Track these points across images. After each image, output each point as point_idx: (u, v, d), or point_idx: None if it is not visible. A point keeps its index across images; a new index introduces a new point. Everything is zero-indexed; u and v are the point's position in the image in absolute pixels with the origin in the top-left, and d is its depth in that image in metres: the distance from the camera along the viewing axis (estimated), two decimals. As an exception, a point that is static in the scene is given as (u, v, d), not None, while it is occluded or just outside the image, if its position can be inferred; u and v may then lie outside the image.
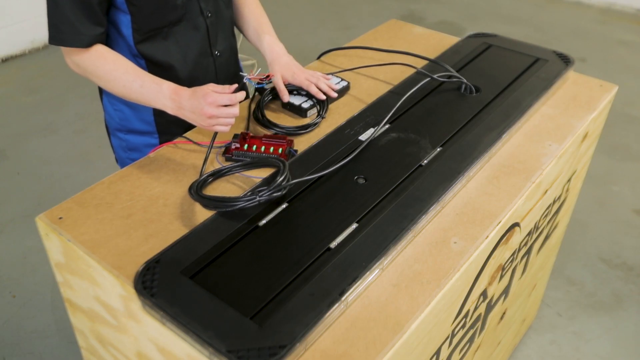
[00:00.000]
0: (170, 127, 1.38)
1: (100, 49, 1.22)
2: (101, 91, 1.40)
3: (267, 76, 1.20)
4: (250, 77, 1.18)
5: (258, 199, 1.04)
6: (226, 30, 1.40)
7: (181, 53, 1.31)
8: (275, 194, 1.05)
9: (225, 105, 1.11)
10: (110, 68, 1.21)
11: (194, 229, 1.02)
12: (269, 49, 1.42)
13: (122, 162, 1.47)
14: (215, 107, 1.10)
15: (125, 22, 1.24)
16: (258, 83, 1.17)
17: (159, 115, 1.36)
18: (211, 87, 1.12)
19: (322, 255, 0.96)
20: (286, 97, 1.37)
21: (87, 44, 1.19)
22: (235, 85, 1.13)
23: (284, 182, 1.06)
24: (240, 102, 1.13)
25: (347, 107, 1.40)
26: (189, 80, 1.34)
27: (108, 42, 1.27)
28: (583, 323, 2.04)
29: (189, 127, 1.34)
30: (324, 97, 1.37)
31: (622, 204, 2.58)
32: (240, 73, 1.18)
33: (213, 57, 1.38)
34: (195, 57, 1.34)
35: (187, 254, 0.97)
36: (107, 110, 1.41)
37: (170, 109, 1.18)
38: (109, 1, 1.21)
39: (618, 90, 1.53)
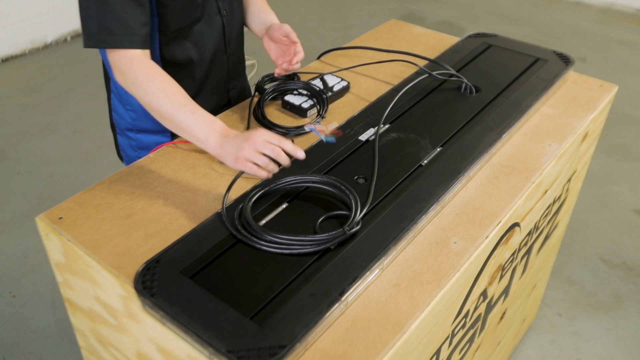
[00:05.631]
0: None
1: (153, 63, 1.15)
2: (109, 90, 1.40)
3: (336, 131, 1.20)
4: (315, 127, 1.18)
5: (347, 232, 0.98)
6: (238, 29, 1.43)
7: (199, 51, 1.33)
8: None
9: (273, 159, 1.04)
10: (165, 86, 1.12)
11: (194, 229, 1.02)
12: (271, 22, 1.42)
13: (130, 161, 1.45)
14: (259, 149, 1.02)
15: (153, 26, 1.22)
16: (326, 136, 1.15)
17: None
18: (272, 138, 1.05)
19: (322, 255, 0.96)
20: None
21: (140, 45, 1.13)
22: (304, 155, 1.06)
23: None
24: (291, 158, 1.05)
25: (347, 107, 1.40)
26: (205, 77, 1.37)
27: None
28: (583, 323, 2.04)
29: None
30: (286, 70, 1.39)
31: (622, 204, 2.58)
32: (305, 126, 1.19)
33: (227, 54, 1.40)
34: (211, 55, 1.36)
35: (187, 254, 0.97)
36: (117, 110, 1.39)
37: (214, 141, 1.08)
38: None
39: (618, 90, 1.53)
